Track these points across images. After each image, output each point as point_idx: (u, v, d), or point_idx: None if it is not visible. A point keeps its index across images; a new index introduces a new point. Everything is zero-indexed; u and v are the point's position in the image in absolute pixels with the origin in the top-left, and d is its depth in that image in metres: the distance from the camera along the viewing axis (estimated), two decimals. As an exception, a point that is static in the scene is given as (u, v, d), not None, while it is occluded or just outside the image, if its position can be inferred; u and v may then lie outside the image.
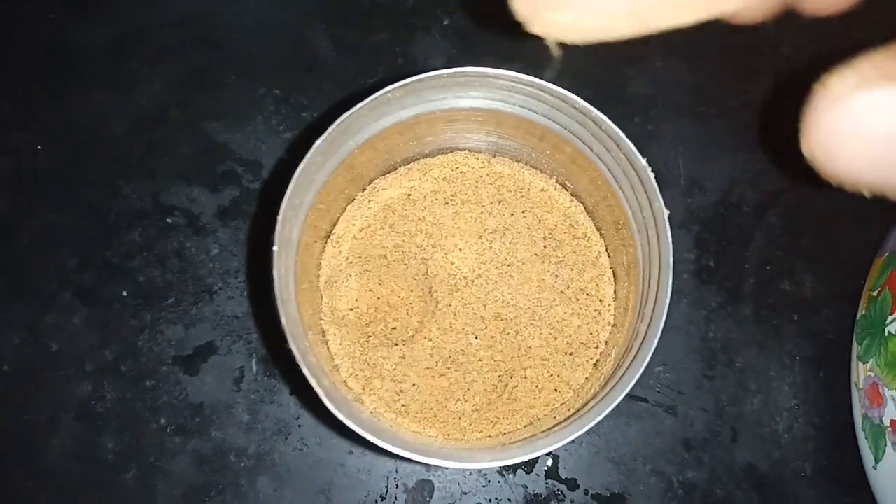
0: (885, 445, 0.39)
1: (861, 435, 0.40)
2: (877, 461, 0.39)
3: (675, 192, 0.46)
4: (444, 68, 0.47)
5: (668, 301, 0.27)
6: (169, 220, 0.45)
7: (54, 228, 0.45)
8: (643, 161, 0.29)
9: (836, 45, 0.49)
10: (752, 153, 0.47)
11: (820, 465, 0.43)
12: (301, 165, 0.29)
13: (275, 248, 0.28)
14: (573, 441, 0.30)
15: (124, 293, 0.44)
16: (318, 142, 0.29)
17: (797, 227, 0.47)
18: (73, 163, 0.45)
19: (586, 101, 0.43)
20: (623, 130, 0.31)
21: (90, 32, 0.47)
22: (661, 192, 0.30)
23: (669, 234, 0.28)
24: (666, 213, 0.28)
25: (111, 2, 0.47)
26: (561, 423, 0.30)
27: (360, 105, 0.29)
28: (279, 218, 0.29)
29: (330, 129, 0.29)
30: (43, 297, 0.44)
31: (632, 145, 0.29)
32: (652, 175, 0.29)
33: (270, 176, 0.46)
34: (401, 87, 0.29)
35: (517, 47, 0.48)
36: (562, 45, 0.16)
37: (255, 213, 0.45)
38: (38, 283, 0.44)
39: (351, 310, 0.38)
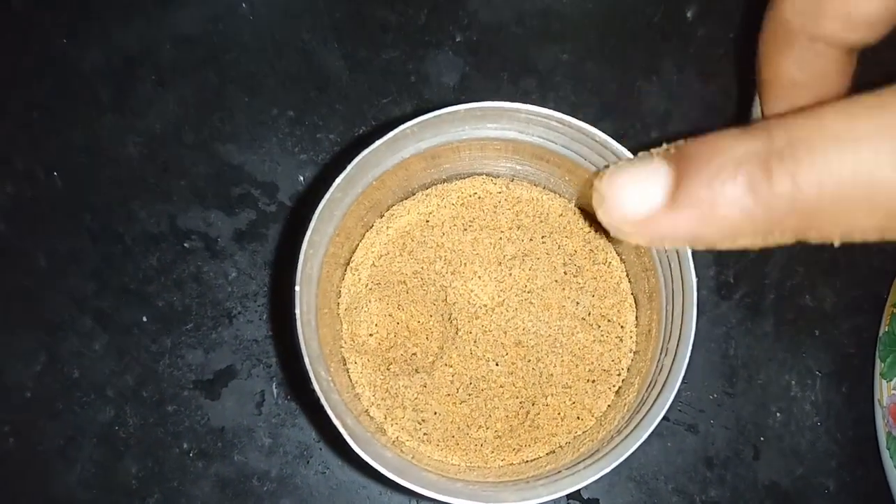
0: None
1: (886, 454, 0.40)
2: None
3: (692, 206, 0.46)
4: (457, 85, 0.48)
5: (691, 340, 0.27)
6: (186, 245, 0.45)
7: (71, 253, 0.45)
8: (665, 195, 0.28)
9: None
10: (770, 166, 0.47)
11: (843, 482, 0.43)
12: (322, 203, 0.29)
13: (297, 287, 0.28)
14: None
15: (143, 318, 0.44)
16: (338, 179, 0.29)
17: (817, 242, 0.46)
18: (88, 187, 0.45)
19: (602, 116, 0.43)
20: (639, 146, 0.31)
21: (99, 55, 0.46)
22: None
23: (693, 273, 0.28)
24: (689, 251, 0.28)
25: (117, 24, 0.47)
26: (585, 456, 0.30)
27: (378, 142, 0.29)
28: (300, 258, 0.29)
29: (350, 167, 0.29)
30: (62, 323, 0.44)
31: (653, 179, 0.28)
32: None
33: (287, 199, 0.46)
34: (419, 122, 0.29)
35: (530, 62, 0.48)
36: None
37: (272, 237, 0.45)
38: (56, 310, 0.44)
39: (370, 335, 0.38)
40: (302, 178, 0.46)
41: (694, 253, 0.33)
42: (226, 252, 0.45)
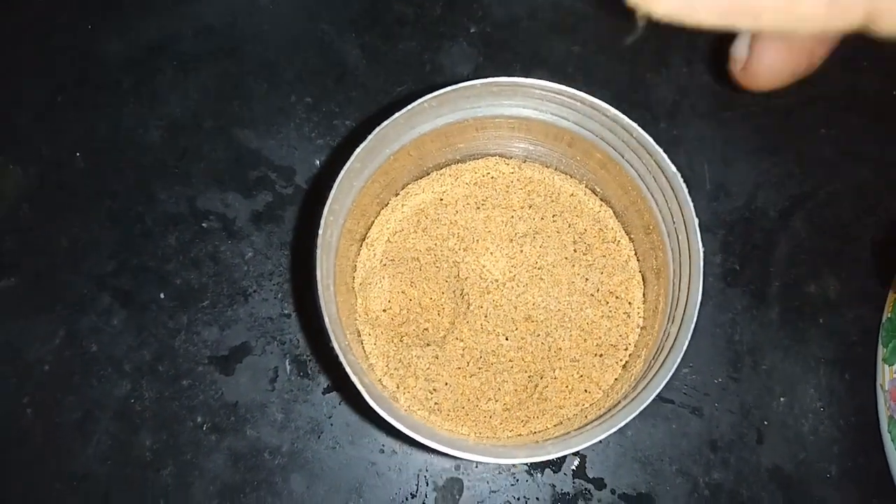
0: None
1: (887, 437, 0.41)
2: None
3: (700, 196, 0.47)
4: (471, 75, 0.49)
5: (697, 306, 0.28)
6: (204, 225, 0.46)
7: (92, 233, 0.46)
8: (673, 168, 0.29)
9: (856, 49, 0.49)
10: (775, 157, 0.48)
11: (845, 467, 0.44)
12: (342, 172, 0.30)
13: (318, 250, 0.29)
14: (601, 441, 0.30)
15: (161, 296, 0.45)
16: (358, 149, 0.30)
17: (821, 230, 0.47)
18: (111, 169, 0.47)
19: (613, 106, 0.44)
20: (649, 135, 0.31)
21: (122, 43, 0.48)
22: (688, 197, 0.31)
23: (700, 240, 0.29)
24: (696, 220, 0.29)
25: (140, 13, 0.49)
26: (591, 422, 0.31)
27: (397, 114, 0.30)
28: (321, 223, 0.30)
29: (370, 138, 0.30)
30: (82, 300, 0.45)
31: (662, 153, 0.29)
32: (683, 183, 0.29)
33: (303, 182, 0.47)
34: (436, 96, 0.30)
35: (542, 54, 0.49)
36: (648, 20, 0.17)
37: (289, 218, 0.46)
38: (77, 287, 0.45)
39: (384, 310, 0.39)
40: (318, 163, 0.47)
41: (701, 239, 0.33)
42: (243, 233, 0.46)
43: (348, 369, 0.28)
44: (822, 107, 0.49)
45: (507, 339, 0.36)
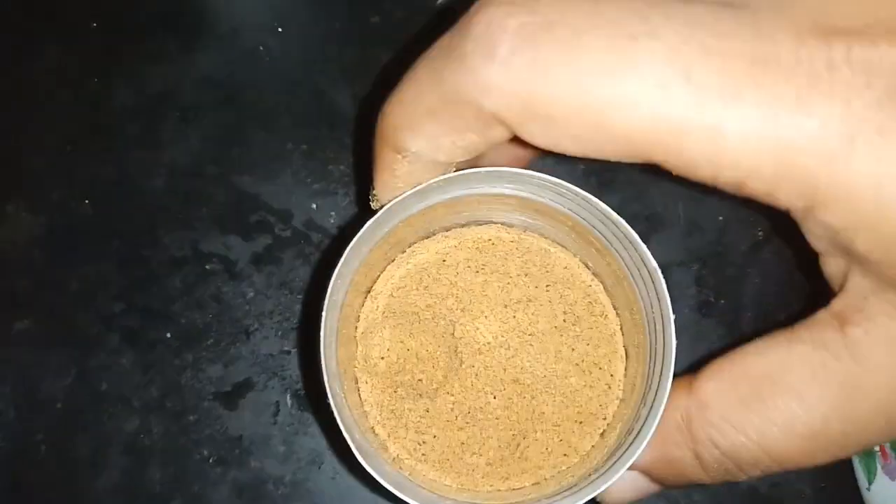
0: (876, 469, 0.43)
1: (855, 460, 0.45)
2: (870, 483, 0.44)
3: (675, 233, 0.50)
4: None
5: (665, 399, 0.31)
6: (207, 267, 0.48)
7: (101, 276, 0.48)
8: (654, 263, 0.32)
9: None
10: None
11: (819, 487, 0.47)
12: (352, 242, 0.33)
13: (324, 313, 0.33)
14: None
15: (167, 335, 0.48)
16: (369, 222, 0.33)
17: (790, 262, 0.50)
18: (117, 215, 0.49)
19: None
20: (626, 177, 0.34)
21: (128, 95, 0.50)
22: (661, 233, 0.33)
23: (674, 335, 0.32)
24: (672, 316, 0.32)
25: (145, 66, 0.51)
26: (565, 490, 0.34)
27: (407, 193, 0.33)
28: (329, 287, 0.33)
29: (380, 213, 0.33)
30: (92, 340, 0.48)
31: (646, 249, 0.32)
32: (662, 277, 0.32)
33: (300, 224, 0.49)
34: (445, 179, 0.33)
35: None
36: None
37: (287, 259, 0.49)
38: (86, 328, 0.48)
39: (382, 358, 0.41)
40: (315, 206, 0.49)
41: (675, 273, 0.35)
42: (244, 274, 0.49)
43: (342, 426, 0.32)
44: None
45: (494, 397, 0.39)
